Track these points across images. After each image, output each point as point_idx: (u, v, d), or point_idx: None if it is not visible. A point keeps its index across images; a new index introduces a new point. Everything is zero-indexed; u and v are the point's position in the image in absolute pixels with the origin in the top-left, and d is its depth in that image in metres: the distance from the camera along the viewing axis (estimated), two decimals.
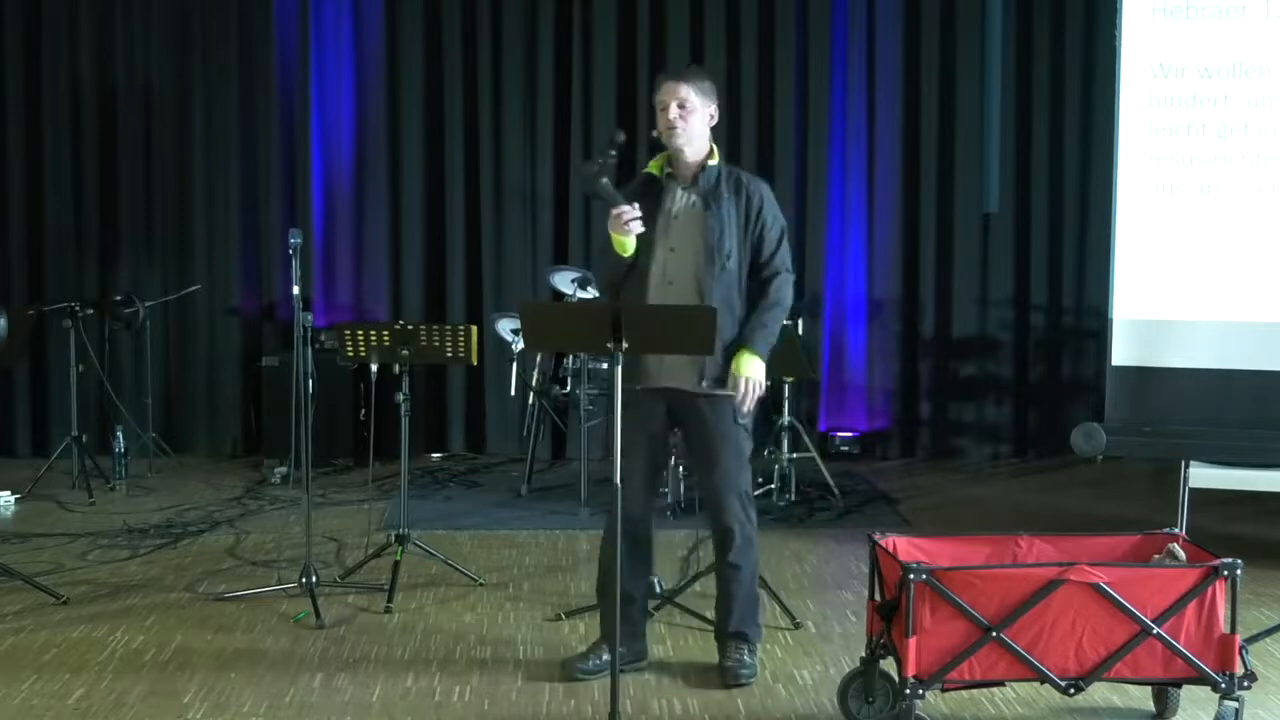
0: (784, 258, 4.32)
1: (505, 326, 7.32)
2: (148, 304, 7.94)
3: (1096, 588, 3.66)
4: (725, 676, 4.32)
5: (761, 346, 4.23)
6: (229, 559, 5.88)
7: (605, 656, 4.21)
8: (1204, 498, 6.03)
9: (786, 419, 7.15)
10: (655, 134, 4.27)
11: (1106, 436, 5.87)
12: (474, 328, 5.34)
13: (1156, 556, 3.99)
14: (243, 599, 5.22)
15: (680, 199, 4.27)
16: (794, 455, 7.11)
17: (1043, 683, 3.77)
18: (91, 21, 8.30)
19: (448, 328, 5.37)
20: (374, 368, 5.46)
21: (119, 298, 7.94)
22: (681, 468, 6.75)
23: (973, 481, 8.00)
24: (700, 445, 4.35)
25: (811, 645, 4.75)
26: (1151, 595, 3.69)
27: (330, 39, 8.44)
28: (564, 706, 4.14)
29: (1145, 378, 5.95)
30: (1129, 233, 6.00)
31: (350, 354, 5.38)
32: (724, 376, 4.22)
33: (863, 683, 3.97)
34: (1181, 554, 3.94)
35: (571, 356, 7.01)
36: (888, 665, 3.89)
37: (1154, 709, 4.08)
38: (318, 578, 5.13)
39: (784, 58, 8.49)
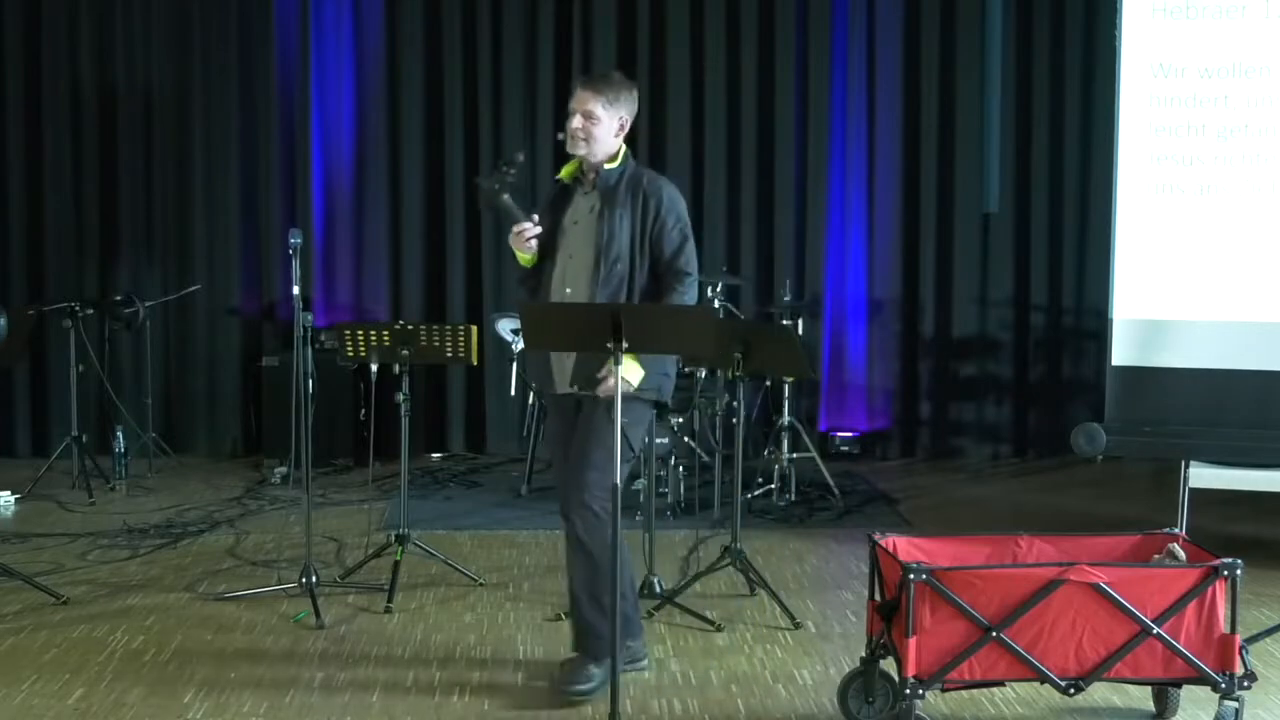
0: (687, 260, 4.28)
1: (505, 326, 7.31)
2: (148, 304, 7.94)
3: (1096, 588, 3.66)
4: (556, 684, 4.21)
5: (655, 359, 4.16)
6: (229, 559, 5.88)
7: (594, 669, 4.16)
8: (1204, 498, 6.03)
9: (786, 419, 7.15)
10: (560, 136, 4.27)
11: (1106, 436, 5.87)
12: (474, 328, 5.34)
13: (1156, 556, 4.00)
14: (243, 599, 5.22)
15: (581, 204, 4.27)
16: (794, 455, 7.11)
17: (1043, 683, 3.77)
18: (91, 21, 8.30)
19: (448, 328, 5.37)
20: (374, 368, 5.45)
21: (119, 298, 7.94)
22: (681, 468, 6.75)
23: (973, 481, 8.00)
24: (579, 437, 4.20)
25: (811, 645, 4.75)
26: (1151, 595, 3.69)
27: (330, 39, 8.44)
28: (565, 704, 4.13)
29: (1145, 378, 5.95)
30: (1129, 233, 6.00)
31: (350, 354, 5.38)
32: (598, 380, 4.12)
33: (863, 683, 3.97)
34: (1181, 554, 3.94)
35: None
36: (888, 665, 3.89)
37: (1154, 709, 4.08)
38: (318, 578, 5.13)
39: (784, 58, 8.49)
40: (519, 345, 7.10)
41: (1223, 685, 3.73)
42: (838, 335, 8.62)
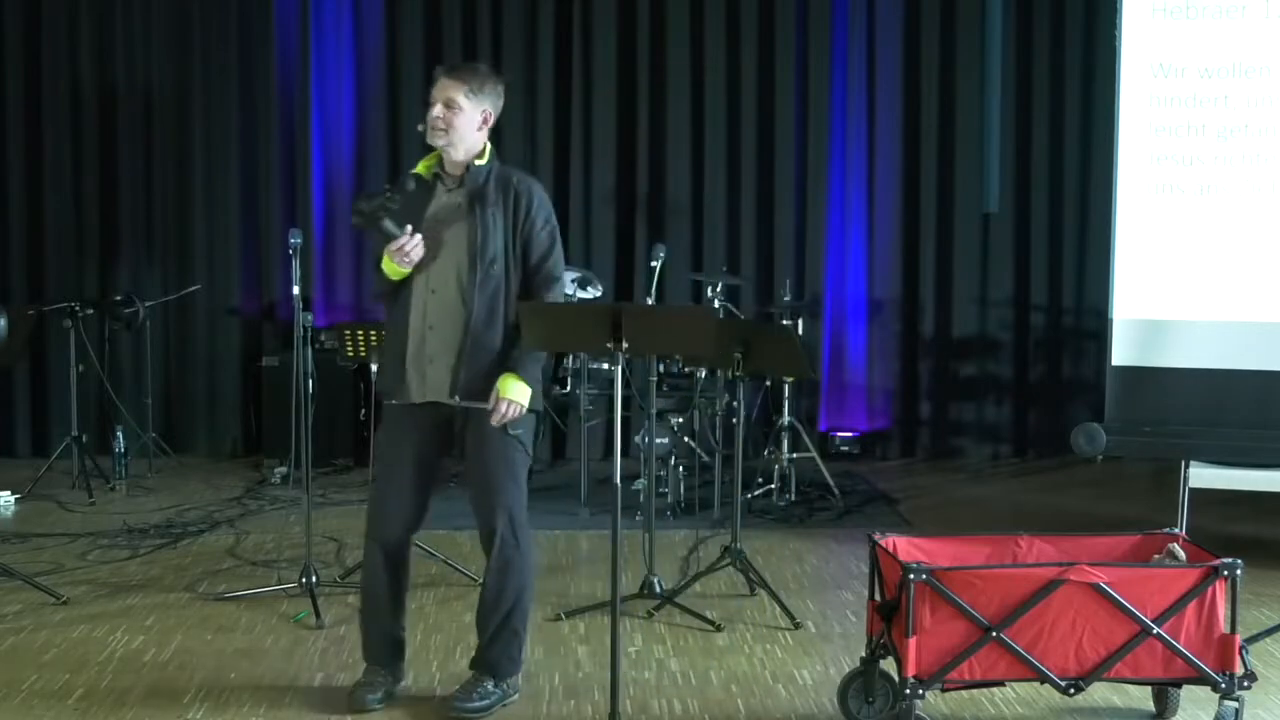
0: (555, 264, 4.06)
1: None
2: (148, 304, 7.94)
3: (1096, 588, 3.66)
4: (450, 701, 4.06)
5: (532, 370, 3.99)
6: (229, 559, 5.88)
7: (385, 676, 4.14)
8: (1204, 498, 6.03)
9: (786, 419, 7.15)
10: (420, 128, 4.05)
11: (1106, 436, 5.87)
12: None
13: (1156, 556, 4.00)
14: (243, 599, 5.22)
15: (444, 201, 4.04)
16: (794, 455, 7.11)
17: (1043, 683, 3.77)
18: (91, 21, 8.30)
19: None
20: (374, 367, 5.45)
21: (119, 298, 7.94)
22: (681, 468, 6.75)
23: (973, 481, 8.00)
24: (469, 456, 4.03)
25: (811, 645, 4.75)
26: (1151, 595, 3.69)
27: (330, 39, 8.44)
28: (564, 707, 4.13)
29: (1145, 378, 5.95)
30: (1129, 233, 6.00)
31: (350, 354, 5.38)
32: (485, 389, 3.94)
33: (863, 683, 3.97)
34: (1181, 554, 3.94)
35: (571, 356, 7.01)
36: (888, 665, 3.89)
37: (1154, 709, 4.08)
38: (318, 578, 5.13)
39: (784, 58, 8.49)
40: None
41: (1223, 685, 3.73)
42: (838, 335, 8.62)
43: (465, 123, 3.98)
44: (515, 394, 3.94)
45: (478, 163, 4.03)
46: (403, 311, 4.02)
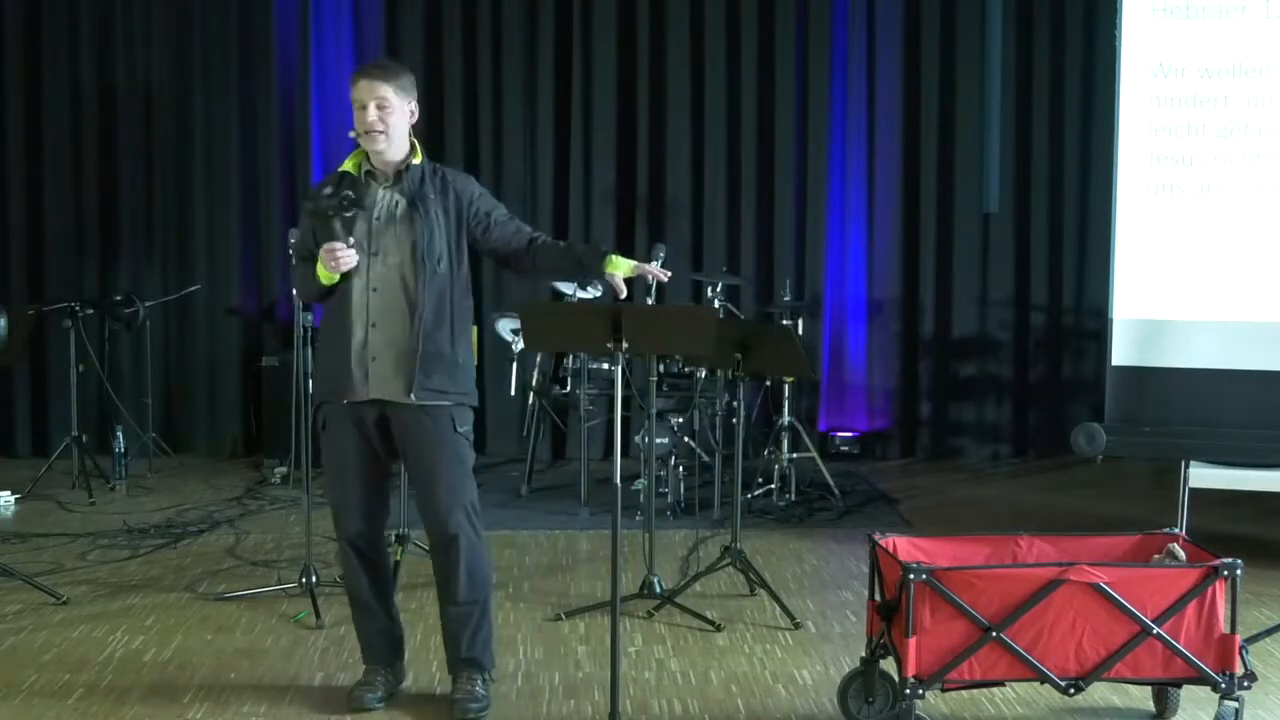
0: (518, 218, 4.15)
1: (505, 326, 7.31)
2: (148, 304, 7.94)
3: (1096, 588, 3.66)
4: (454, 710, 4.00)
5: (613, 254, 4.08)
6: (229, 559, 5.88)
7: (384, 676, 4.15)
8: (1204, 498, 6.03)
9: (786, 419, 7.15)
10: (352, 134, 3.99)
11: (1106, 436, 5.88)
12: (474, 328, 5.33)
13: (1156, 556, 3.99)
14: (243, 599, 5.22)
15: (382, 201, 3.97)
16: (794, 455, 7.11)
17: (1043, 683, 3.77)
18: (91, 21, 8.30)
19: None
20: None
21: (119, 298, 7.95)
22: (681, 468, 6.75)
23: (973, 481, 8.00)
24: (418, 457, 4.01)
25: (811, 645, 4.75)
26: (1151, 595, 3.68)
27: (330, 39, 8.44)
28: (564, 706, 4.14)
29: (1145, 378, 5.95)
30: (1129, 233, 6.00)
31: None
32: (439, 387, 3.95)
33: (863, 683, 3.97)
34: (1181, 554, 3.94)
35: (571, 356, 7.01)
36: (888, 665, 3.89)
37: (1154, 709, 4.08)
38: (318, 578, 5.14)
39: (784, 58, 8.49)
40: (519, 345, 7.10)
41: (1223, 685, 3.73)
42: (838, 335, 8.62)
43: (399, 121, 3.96)
44: (624, 268, 4.06)
45: (415, 160, 4.01)
46: (342, 312, 3.97)
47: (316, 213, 3.99)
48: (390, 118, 3.92)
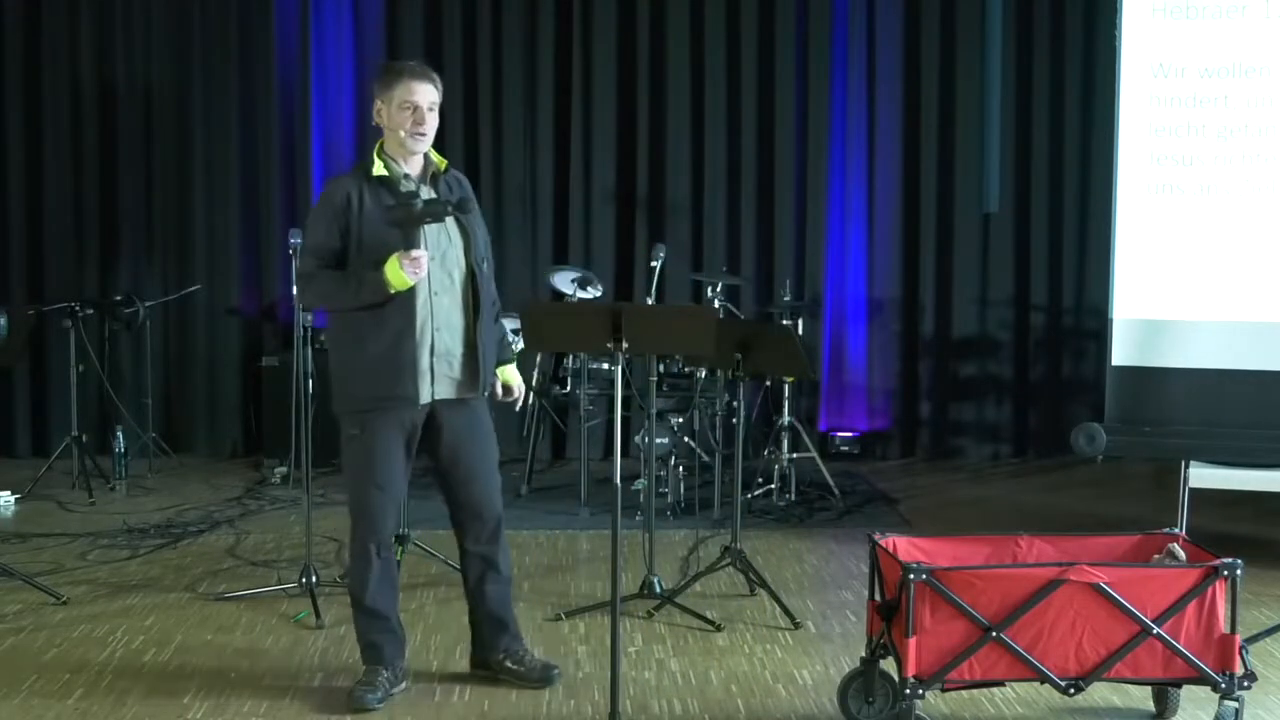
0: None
1: (505, 326, 7.30)
2: (148, 304, 7.95)
3: (1096, 588, 3.66)
4: (544, 676, 4.27)
5: (511, 355, 4.40)
6: (229, 559, 5.88)
7: (386, 676, 4.16)
8: (1204, 498, 6.03)
9: (786, 419, 7.15)
10: (377, 124, 4.07)
11: (1106, 436, 5.88)
12: None
13: (1156, 556, 4.00)
14: (243, 599, 5.22)
15: (422, 199, 4.02)
16: (794, 455, 7.11)
17: (1043, 683, 3.77)
18: (91, 21, 8.30)
19: None
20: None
21: (119, 298, 7.95)
22: (681, 468, 6.75)
23: (973, 481, 8.00)
24: (469, 450, 4.17)
25: (811, 645, 4.75)
26: (1151, 595, 3.69)
27: (330, 39, 8.44)
28: (564, 706, 4.14)
29: (1145, 378, 5.95)
30: (1129, 233, 6.00)
31: None
32: (490, 381, 4.25)
33: (863, 683, 3.97)
34: (1181, 554, 3.94)
35: (571, 356, 7.01)
36: (888, 665, 3.89)
37: (1154, 709, 4.08)
38: (318, 578, 5.14)
39: (784, 58, 8.49)
40: (519, 345, 7.09)
41: (1223, 685, 3.73)
42: (838, 335, 8.62)
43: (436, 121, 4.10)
44: (517, 378, 4.39)
45: (442, 162, 4.13)
46: (399, 317, 3.97)
47: (412, 219, 3.89)
48: (434, 121, 4.06)
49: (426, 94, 4.02)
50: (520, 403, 4.45)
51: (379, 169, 4.04)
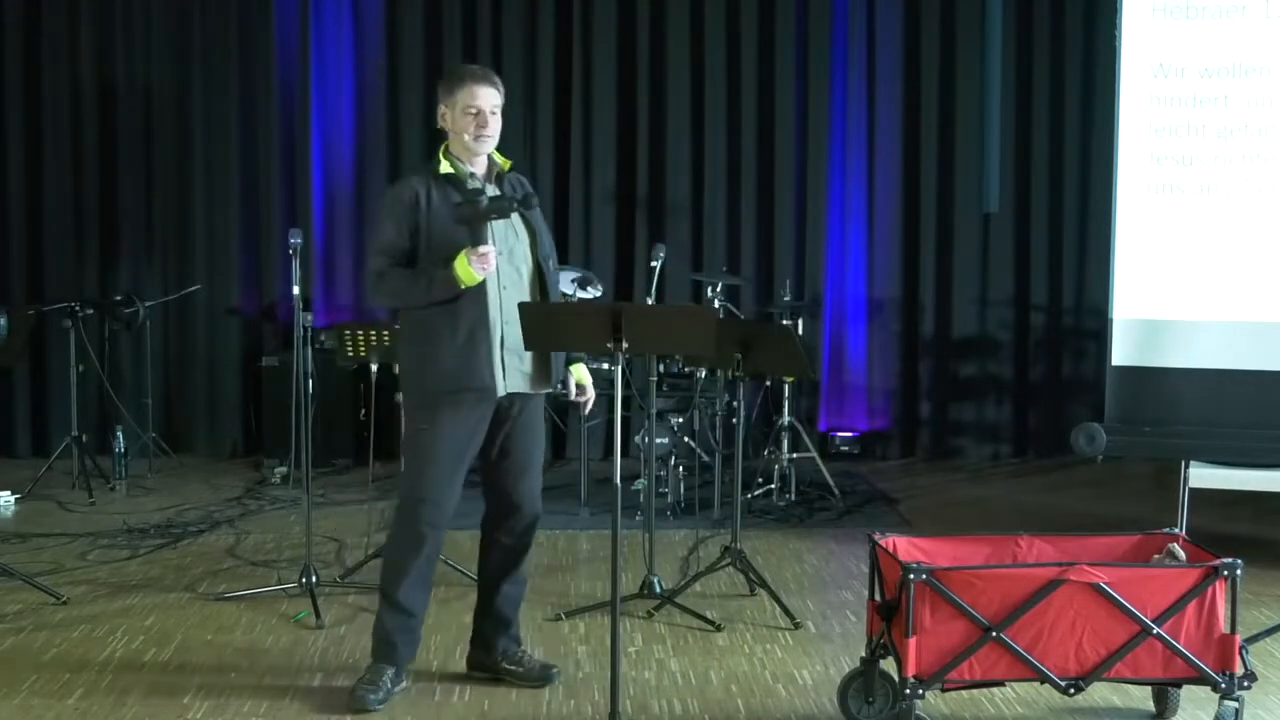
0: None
1: None
2: (148, 304, 7.95)
3: (1096, 588, 3.66)
4: (546, 676, 4.29)
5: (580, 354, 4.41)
6: (229, 559, 5.88)
7: (390, 677, 4.16)
8: (1204, 498, 6.03)
9: (786, 419, 7.15)
10: (441, 127, 4.14)
11: (1106, 436, 5.88)
12: None
13: (1156, 556, 4.00)
14: (243, 599, 5.22)
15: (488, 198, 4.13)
16: (794, 455, 7.11)
17: (1043, 683, 3.77)
18: (91, 21, 8.30)
19: None
20: (374, 368, 5.45)
21: (119, 298, 7.95)
22: (681, 468, 6.75)
23: (973, 481, 8.00)
24: (525, 444, 4.27)
25: (811, 645, 4.75)
26: (1151, 595, 3.69)
27: (330, 39, 8.44)
28: (564, 706, 4.14)
29: (1145, 378, 5.95)
30: (1129, 233, 6.00)
31: (350, 354, 5.38)
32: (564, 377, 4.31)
33: (863, 683, 3.97)
34: (1181, 554, 3.94)
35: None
36: (888, 665, 3.89)
37: (1154, 709, 4.08)
38: (318, 578, 5.14)
39: (784, 58, 8.49)
40: None
41: (1223, 685, 3.73)
42: (838, 335, 8.62)
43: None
44: (584, 374, 4.38)
45: (505, 161, 4.20)
46: (475, 312, 4.03)
47: (479, 216, 3.94)
48: (498, 124, 4.12)
49: (489, 97, 4.09)
50: (590, 405, 4.41)
51: (445, 168, 4.12)
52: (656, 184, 8.53)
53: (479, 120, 4.07)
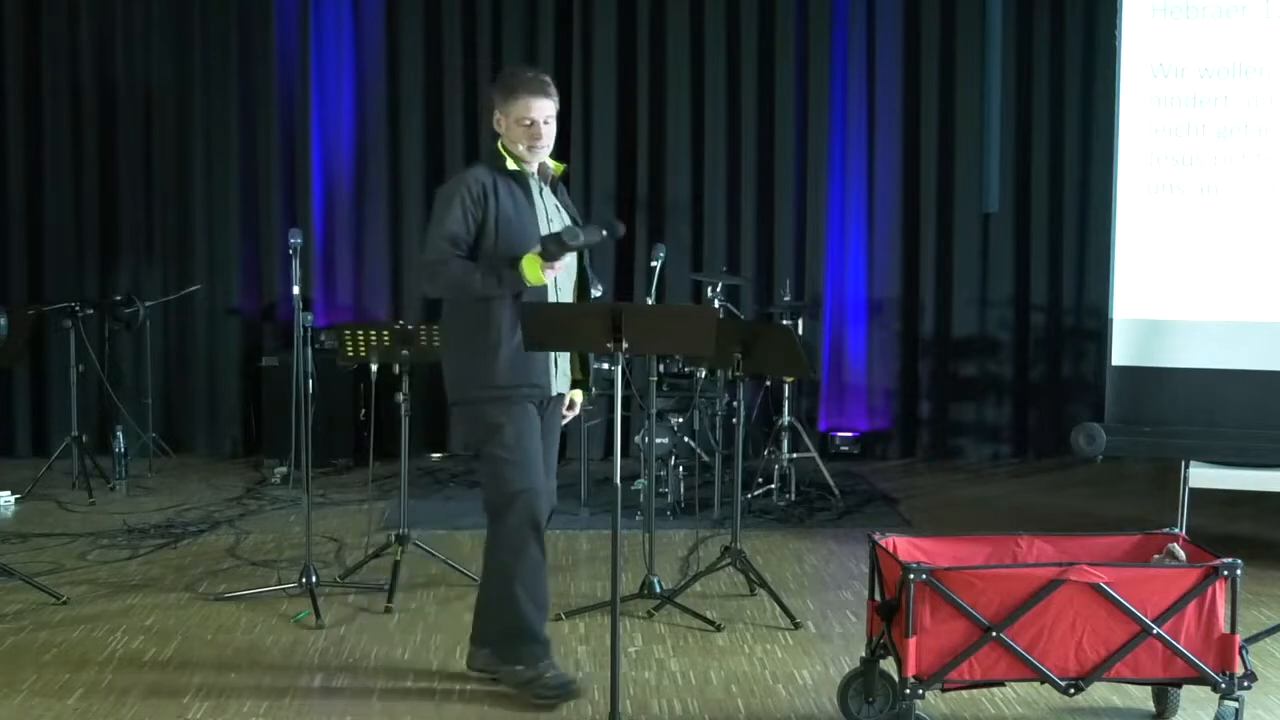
0: None
1: None
2: (148, 304, 7.95)
3: (1096, 588, 3.66)
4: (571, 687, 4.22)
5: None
6: (229, 559, 5.88)
7: (553, 669, 4.18)
8: (1204, 498, 6.03)
9: (786, 419, 7.15)
10: (499, 138, 4.18)
11: (1106, 436, 5.87)
12: None
13: (1156, 556, 4.00)
14: (243, 599, 5.22)
15: (544, 200, 4.25)
16: (794, 455, 7.11)
17: (1043, 683, 3.77)
18: (91, 21, 8.30)
19: None
20: (374, 368, 5.45)
21: (119, 298, 7.95)
22: (681, 468, 6.75)
23: (973, 481, 8.00)
24: (550, 439, 4.33)
25: (811, 645, 4.75)
26: (1151, 595, 3.69)
27: (330, 39, 8.44)
28: (564, 706, 4.13)
29: (1145, 378, 5.95)
30: (1129, 233, 6.00)
31: (350, 354, 5.38)
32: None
33: (863, 683, 3.97)
34: (1181, 554, 3.94)
35: None
36: (888, 665, 3.89)
37: (1154, 709, 4.08)
38: (318, 578, 5.14)
39: (784, 58, 8.49)
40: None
41: (1223, 685, 3.73)
42: (838, 335, 8.62)
43: None
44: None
45: (561, 169, 4.29)
46: (537, 305, 4.10)
47: (563, 250, 4.03)
48: (552, 130, 4.18)
49: (543, 109, 4.13)
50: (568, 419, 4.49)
51: (511, 164, 4.17)
52: (656, 184, 8.53)
53: (533, 132, 4.12)
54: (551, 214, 4.24)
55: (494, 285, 4.04)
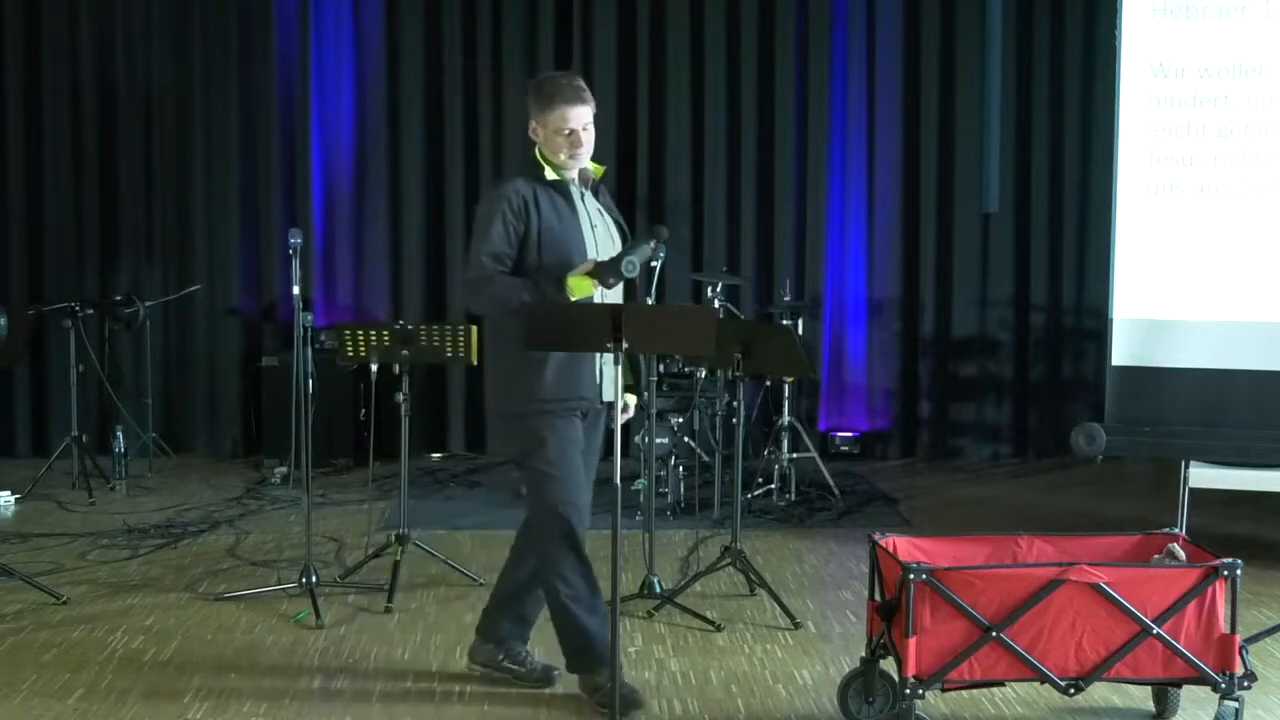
0: None
1: None
2: (148, 304, 7.95)
3: (1096, 588, 3.66)
4: (542, 672, 4.28)
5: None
6: (229, 559, 5.88)
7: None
8: (1204, 498, 6.03)
9: (786, 419, 7.15)
10: (536, 145, 4.11)
11: (1106, 436, 5.87)
12: (474, 327, 5.33)
13: (1156, 556, 4.00)
14: (243, 599, 5.22)
15: (587, 206, 4.17)
16: (794, 455, 7.11)
17: (1043, 683, 3.77)
18: (91, 21, 8.30)
19: (447, 327, 5.37)
20: (374, 368, 5.45)
21: (119, 298, 7.95)
22: (681, 468, 6.75)
23: (973, 481, 8.00)
24: (592, 449, 4.27)
25: (811, 645, 4.75)
26: (1151, 595, 3.69)
27: (330, 39, 8.44)
28: (564, 707, 4.13)
29: (1145, 378, 5.95)
30: (1129, 233, 6.00)
31: (350, 354, 5.38)
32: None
33: (863, 683, 3.97)
34: (1181, 554, 3.94)
35: None
36: (888, 665, 3.89)
37: (1154, 709, 4.08)
38: (318, 578, 5.13)
39: (784, 57, 8.49)
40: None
41: (1223, 685, 3.73)
42: (838, 335, 8.62)
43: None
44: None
45: (601, 173, 4.22)
46: None
47: (620, 278, 4.00)
48: (591, 136, 4.10)
49: (581, 117, 4.05)
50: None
51: (551, 174, 4.10)
52: (656, 184, 8.53)
53: (572, 140, 4.06)
54: (595, 219, 4.16)
55: (510, 294, 3.99)
